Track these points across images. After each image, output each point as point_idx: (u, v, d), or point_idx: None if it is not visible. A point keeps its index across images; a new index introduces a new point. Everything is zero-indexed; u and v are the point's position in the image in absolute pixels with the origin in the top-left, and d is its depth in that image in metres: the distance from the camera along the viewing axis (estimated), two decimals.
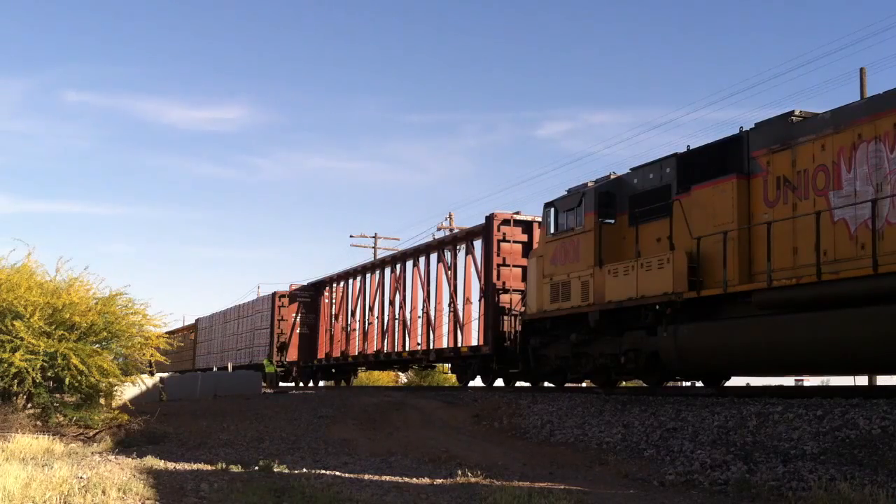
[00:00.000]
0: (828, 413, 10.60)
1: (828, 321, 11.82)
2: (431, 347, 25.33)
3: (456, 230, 34.27)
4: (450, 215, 46.50)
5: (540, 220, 20.27)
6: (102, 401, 17.19)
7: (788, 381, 21.53)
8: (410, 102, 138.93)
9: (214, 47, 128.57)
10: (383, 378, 41.59)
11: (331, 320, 34.10)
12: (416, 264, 27.12)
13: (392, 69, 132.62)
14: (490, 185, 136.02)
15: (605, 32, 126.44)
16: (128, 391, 19.00)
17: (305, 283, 36.38)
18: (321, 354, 34.33)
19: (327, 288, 34.98)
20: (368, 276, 31.13)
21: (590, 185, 17.54)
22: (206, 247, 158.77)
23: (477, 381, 23.43)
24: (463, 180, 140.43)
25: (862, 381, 23.66)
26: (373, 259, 37.28)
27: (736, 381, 17.30)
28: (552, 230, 18.49)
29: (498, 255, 22.07)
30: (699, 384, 18.39)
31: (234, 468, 10.82)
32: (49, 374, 15.34)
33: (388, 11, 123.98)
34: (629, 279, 15.53)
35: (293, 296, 35.86)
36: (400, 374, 41.65)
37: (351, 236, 52.96)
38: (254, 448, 13.79)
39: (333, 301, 34.47)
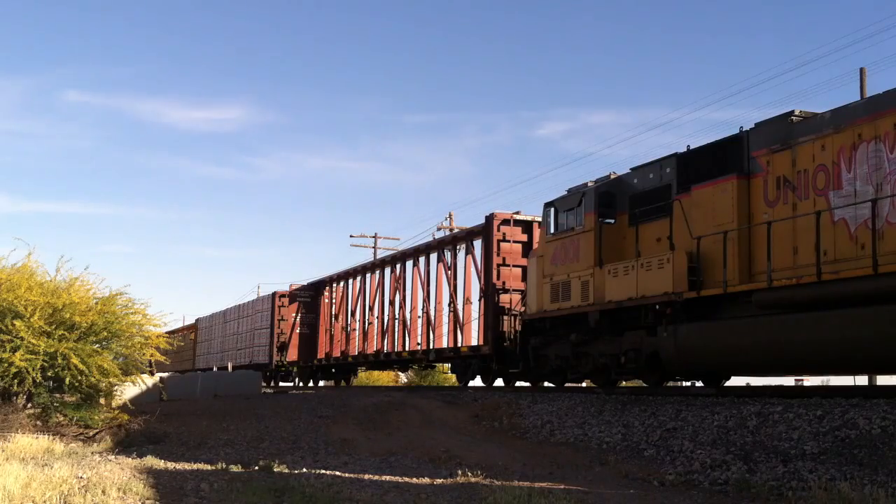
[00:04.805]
0: (828, 413, 10.60)
1: (828, 321, 11.82)
2: (431, 347, 25.32)
3: (456, 230, 34.28)
4: (450, 215, 46.53)
5: (540, 220, 20.27)
6: (102, 401, 17.19)
7: (788, 381, 21.52)
8: (410, 102, 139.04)
9: (214, 47, 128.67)
10: (383, 378, 41.57)
11: (331, 320, 34.10)
12: (416, 264, 27.11)
13: (392, 69, 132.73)
14: (490, 185, 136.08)
15: (605, 33, 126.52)
16: (128, 391, 19.00)
17: (305, 283, 36.39)
18: (321, 354, 34.33)
19: (327, 288, 34.98)
20: (368, 276, 31.12)
21: (590, 185, 17.54)
22: (206, 247, 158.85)
23: (477, 381, 23.42)
24: (463, 180, 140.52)
25: (862, 381, 23.66)
26: (373, 259, 37.28)
27: (736, 381, 17.29)
28: (552, 230, 18.50)
29: (498, 255, 22.06)
30: (699, 384, 18.38)
31: (234, 468, 10.83)
32: (49, 373, 15.34)
33: (388, 11, 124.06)
34: (629, 279, 15.53)
35: (293, 296, 35.86)
36: (400, 374, 41.65)
37: (351, 236, 52.98)
38: (254, 448, 13.79)
39: (333, 301, 34.47)
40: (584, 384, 19.45)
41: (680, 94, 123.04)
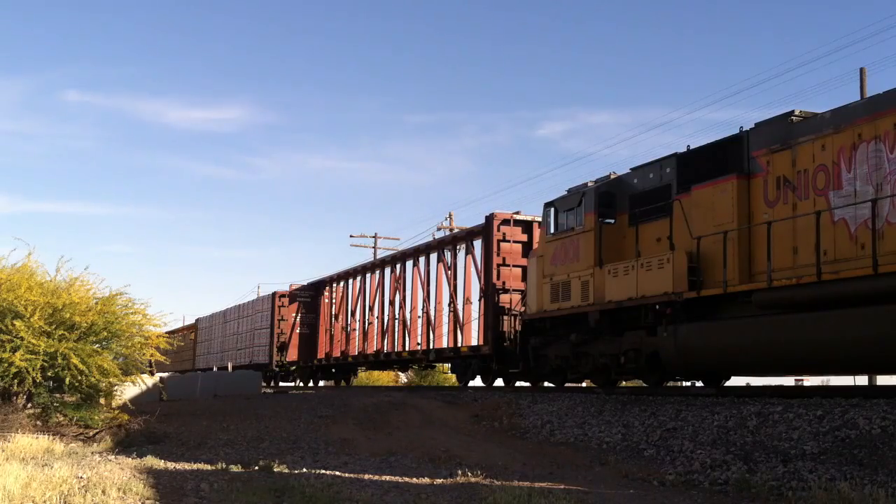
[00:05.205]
0: (828, 413, 10.60)
1: (828, 321, 11.82)
2: (431, 347, 25.32)
3: (456, 230, 34.28)
4: (450, 215, 46.54)
5: (540, 220, 20.27)
6: (102, 401, 17.18)
7: (788, 381, 21.52)
8: (410, 102, 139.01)
9: (214, 47, 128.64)
10: (383, 378, 41.58)
11: (331, 320, 34.11)
12: (416, 264, 27.11)
13: (392, 69, 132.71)
14: (490, 185, 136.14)
15: (605, 33, 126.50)
16: (128, 391, 18.99)
17: (305, 283, 36.40)
18: (321, 354, 34.33)
19: (327, 288, 34.99)
20: (368, 276, 31.12)
21: (590, 185, 17.54)
22: (206, 247, 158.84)
23: (477, 381, 23.42)
24: (463, 180, 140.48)
25: (862, 381, 23.66)
26: (373, 259, 37.28)
27: (736, 381, 17.30)
28: (552, 230, 18.50)
29: (498, 255, 22.06)
30: (699, 384, 18.39)
31: (234, 468, 10.83)
32: (49, 373, 15.33)
33: (388, 11, 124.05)
34: (629, 279, 15.53)
35: (293, 296, 35.87)
36: (400, 374, 41.65)
37: (351, 236, 53.01)
38: (254, 448, 13.78)
39: (333, 301, 34.47)
40: (584, 384, 19.45)
41: (680, 94, 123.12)
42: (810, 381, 27.19)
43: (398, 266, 28.61)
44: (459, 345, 23.54)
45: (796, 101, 64.19)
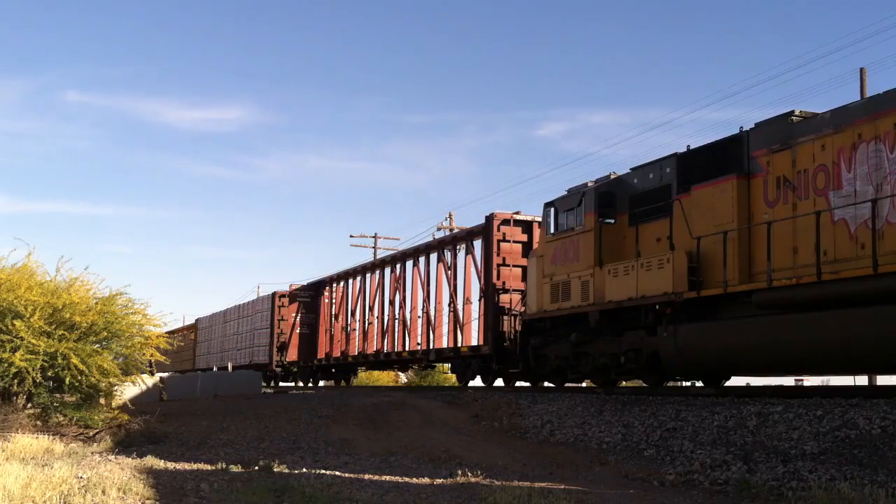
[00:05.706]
0: (828, 413, 10.60)
1: (828, 321, 11.82)
2: (431, 347, 25.32)
3: (456, 230, 34.29)
4: (450, 215, 46.55)
5: (540, 220, 20.28)
6: (102, 401, 17.18)
7: (788, 381, 21.52)
8: (410, 102, 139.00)
9: (214, 47, 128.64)
10: (383, 378, 41.58)
11: (331, 320, 34.11)
12: (416, 264, 27.11)
13: (392, 69, 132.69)
14: (490, 185, 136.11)
15: (605, 33, 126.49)
16: (128, 391, 18.99)
17: (305, 283, 36.40)
18: (321, 354, 34.34)
19: (327, 288, 34.99)
20: (368, 276, 31.12)
21: (590, 185, 17.55)
22: (206, 247, 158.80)
23: (477, 381, 23.43)
24: (463, 180, 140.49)
25: (862, 381, 23.66)
26: (373, 259, 37.28)
27: (736, 381, 17.30)
28: (552, 230, 18.50)
29: (498, 255, 22.06)
30: (699, 384, 18.39)
31: (234, 468, 10.83)
32: (49, 373, 15.32)
33: (388, 12, 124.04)
34: (629, 279, 15.54)
35: (293, 296, 35.87)
36: (400, 374, 41.65)
37: (351, 236, 53.02)
38: (254, 448, 13.78)
39: (333, 301, 34.48)
40: (584, 384, 19.45)
41: (680, 94, 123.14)
42: (810, 381, 27.17)
43: (398, 266, 28.61)
44: (459, 345, 23.54)
45: (796, 101, 64.21)
